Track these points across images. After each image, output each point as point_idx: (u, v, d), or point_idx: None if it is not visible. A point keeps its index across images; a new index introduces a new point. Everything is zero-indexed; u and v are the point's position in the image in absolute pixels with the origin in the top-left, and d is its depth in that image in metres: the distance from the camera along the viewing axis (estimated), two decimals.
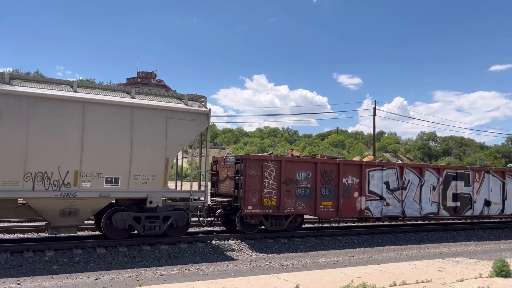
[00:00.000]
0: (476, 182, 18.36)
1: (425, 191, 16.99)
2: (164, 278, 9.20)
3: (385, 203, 16.09)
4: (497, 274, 8.71)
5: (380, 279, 8.22)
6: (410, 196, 16.64)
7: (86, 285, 8.55)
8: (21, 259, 10.27)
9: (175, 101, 12.88)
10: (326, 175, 14.92)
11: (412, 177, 16.76)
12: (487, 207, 18.50)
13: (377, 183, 15.93)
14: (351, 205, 15.37)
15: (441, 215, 17.65)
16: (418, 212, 16.81)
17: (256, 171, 13.76)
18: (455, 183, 17.82)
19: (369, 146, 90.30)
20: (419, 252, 13.76)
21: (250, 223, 14.00)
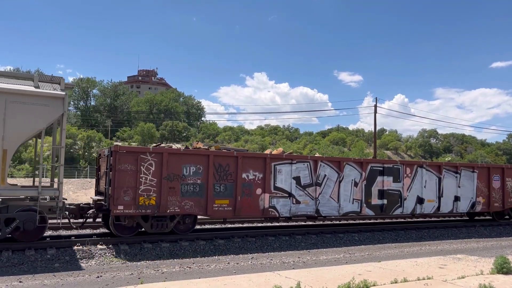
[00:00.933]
0: (407, 178, 16.60)
1: (345, 188, 15.21)
2: (165, 276, 9.22)
3: (295, 201, 14.31)
4: (498, 271, 8.71)
5: (381, 276, 8.23)
6: (326, 193, 14.87)
7: (87, 283, 8.57)
8: (22, 257, 10.30)
9: (22, 82, 11.00)
10: (222, 169, 13.16)
11: (329, 171, 14.97)
12: (420, 205, 16.79)
13: (285, 178, 14.16)
14: (253, 204, 13.61)
15: (364, 214, 15.85)
16: (336, 210, 15.05)
17: (129, 165, 11.95)
18: (381, 178, 16.02)
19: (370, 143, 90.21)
20: (420, 249, 13.76)
21: (124, 225, 12.26)
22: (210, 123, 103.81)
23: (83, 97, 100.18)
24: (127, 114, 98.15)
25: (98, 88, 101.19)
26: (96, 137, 64.95)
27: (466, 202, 18.05)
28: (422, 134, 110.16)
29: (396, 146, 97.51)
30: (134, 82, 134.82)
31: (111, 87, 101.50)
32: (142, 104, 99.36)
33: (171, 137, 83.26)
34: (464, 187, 17.96)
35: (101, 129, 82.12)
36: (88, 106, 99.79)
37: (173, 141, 79.71)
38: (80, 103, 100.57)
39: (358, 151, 75.20)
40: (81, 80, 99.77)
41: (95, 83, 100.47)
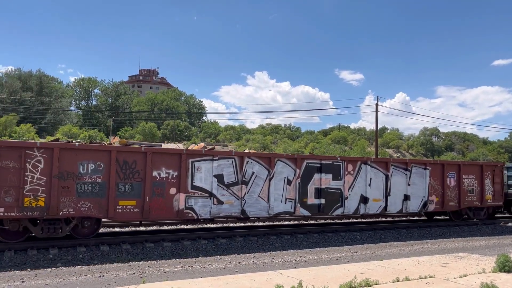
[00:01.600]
0: (349, 175, 15.33)
1: (276, 186, 13.98)
2: (167, 275, 9.23)
3: (217, 201, 13.06)
4: (500, 269, 8.71)
5: (383, 275, 8.23)
6: (254, 192, 13.65)
7: (90, 283, 8.59)
8: (25, 257, 10.33)
9: None
10: (128, 167, 11.91)
11: (257, 169, 13.74)
12: (364, 205, 15.52)
13: (205, 176, 12.93)
14: (165, 205, 12.38)
15: (298, 214, 14.64)
16: (266, 211, 13.81)
17: (12, 162, 10.68)
18: (319, 176, 14.75)
19: (371, 142, 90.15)
20: (422, 248, 13.76)
21: (8, 229, 11.05)
22: (212, 122, 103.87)
23: (85, 97, 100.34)
24: (129, 113, 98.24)
25: (99, 88, 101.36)
26: (97, 137, 65.01)
27: (417, 201, 16.77)
28: (424, 132, 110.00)
29: (397, 145, 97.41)
30: (135, 82, 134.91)
31: (113, 86, 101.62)
32: (144, 103, 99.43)
33: (172, 137, 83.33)
34: (415, 185, 16.73)
35: (103, 129, 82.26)
36: (89, 105, 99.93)
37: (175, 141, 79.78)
38: (81, 103, 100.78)
39: (360, 149, 75.14)
40: (82, 80, 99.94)
41: (96, 83, 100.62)
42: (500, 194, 19.14)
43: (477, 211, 18.89)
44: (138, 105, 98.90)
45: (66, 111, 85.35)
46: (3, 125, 56.57)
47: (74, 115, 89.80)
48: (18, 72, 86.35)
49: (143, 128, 76.48)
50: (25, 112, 74.24)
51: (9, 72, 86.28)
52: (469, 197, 18.15)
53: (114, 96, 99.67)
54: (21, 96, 77.25)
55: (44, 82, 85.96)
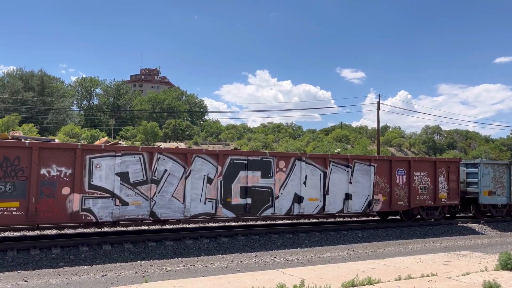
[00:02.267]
0: (281, 172, 14.11)
1: (194, 185, 12.78)
2: (169, 274, 9.25)
3: (120, 202, 11.78)
4: (502, 267, 8.69)
5: (385, 273, 8.23)
6: (166, 192, 12.45)
7: (92, 282, 8.61)
8: (27, 256, 10.36)
9: None
10: (8, 164, 10.64)
11: (171, 166, 12.54)
12: (298, 204, 14.33)
13: (106, 174, 11.68)
14: (57, 206, 11.07)
15: (220, 216, 13.42)
16: (181, 212, 12.59)
17: None
18: (245, 173, 13.55)
19: (373, 140, 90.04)
20: (425, 246, 13.74)
21: None
22: (213, 121, 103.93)
23: (86, 96, 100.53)
24: (130, 113, 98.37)
25: (101, 87, 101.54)
26: (99, 136, 65.10)
27: (360, 200, 15.50)
28: (426, 130, 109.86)
29: (399, 143, 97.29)
30: (136, 81, 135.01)
31: (114, 86, 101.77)
32: (145, 103, 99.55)
33: (174, 136, 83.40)
34: (358, 183, 15.49)
35: (105, 128, 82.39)
36: (91, 105, 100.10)
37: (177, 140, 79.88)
38: (83, 103, 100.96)
39: (362, 148, 75.06)
40: (84, 80, 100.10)
41: (98, 83, 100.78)
42: (456, 192, 17.80)
43: (431, 211, 17.68)
44: (139, 105, 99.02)
45: (68, 111, 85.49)
46: (5, 125, 56.70)
47: (76, 115, 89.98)
48: (20, 72, 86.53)
49: (144, 127, 76.55)
50: (27, 112, 74.39)
51: (11, 72, 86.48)
52: (421, 196, 16.87)
53: (115, 96, 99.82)
54: (23, 96, 77.40)
55: (46, 82, 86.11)
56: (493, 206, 19.46)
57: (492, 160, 25.60)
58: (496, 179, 19.04)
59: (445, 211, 18.12)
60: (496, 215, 19.59)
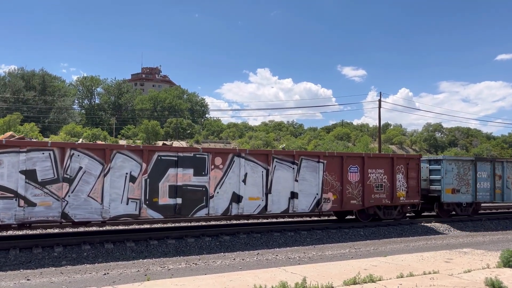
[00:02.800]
0: (217, 170, 13.12)
1: (114, 184, 11.76)
2: (171, 273, 9.27)
3: (26, 203, 10.76)
4: (504, 265, 8.69)
5: (387, 270, 8.23)
6: (81, 192, 11.37)
7: (94, 280, 8.63)
8: (30, 255, 10.39)
9: None
10: None
11: (87, 163, 11.47)
12: (237, 204, 13.36)
13: (8, 172, 10.64)
14: None
15: (145, 217, 12.37)
16: (99, 214, 11.59)
17: None
18: (175, 171, 12.54)
19: (374, 138, 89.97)
20: (426, 244, 13.75)
21: None
22: (214, 119, 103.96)
23: (87, 95, 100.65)
24: (132, 112, 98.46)
25: (102, 86, 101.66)
26: (101, 135, 65.21)
27: (307, 199, 14.56)
28: (427, 128, 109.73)
29: (401, 141, 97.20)
30: (137, 80, 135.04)
31: (115, 85, 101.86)
32: (146, 101, 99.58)
33: (175, 135, 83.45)
34: (305, 181, 14.53)
35: (106, 127, 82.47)
36: (92, 104, 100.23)
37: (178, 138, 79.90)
38: (84, 102, 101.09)
39: (363, 146, 75.01)
40: (85, 79, 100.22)
41: (99, 81, 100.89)
42: (416, 190, 16.77)
43: (389, 210, 16.51)
44: (140, 103, 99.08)
45: (69, 110, 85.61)
46: (6, 124, 56.82)
47: (77, 114, 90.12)
48: (21, 71, 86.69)
49: (146, 126, 76.60)
50: (28, 111, 74.51)
51: (12, 71, 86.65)
52: (377, 195, 15.79)
53: (116, 95, 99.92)
54: (24, 95, 77.54)
55: (47, 81, 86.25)
56: (458, 205, 18.43)
57: (456, 156, 24.97)
58: (461, 176, 18.05)
59: (404, 211, 17.02)
60: (461, 214, 18.59)
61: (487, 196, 18.78)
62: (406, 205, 16.90)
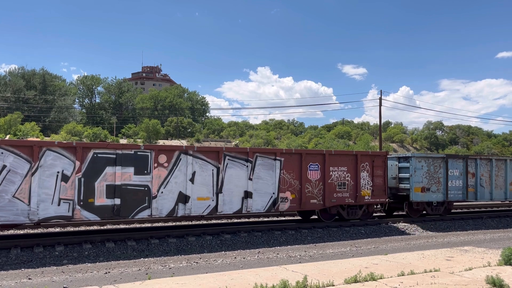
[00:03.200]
0: (161, 168, 12.37)
1: (43, 183, 10.98)
2: (172, 271, 9.28)
3: None
4: (505, 263, 8.69)
5: (388, 269, 8.23)
6: (6, 192, 10.66)
7: (96, 279, 8.64)
8: (31, 254, 10.41)
9: None
10: None
11: (12, 161, 10.72)
12: (184, 205, 12.62)
13: None
14: None
15: (80, 219, 11.51)
16: (26, 216, 10.77)
17: None
18: (113, 169, 11.78)
19: (375, 136, 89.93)
20: (427, 242, 13.74)
21: None
22: (215, 118, 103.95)
23: (88, 94, 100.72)
24: (132, 111, 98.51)
25: (102, 86, 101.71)
26: (101, 134, 65.25)
27: (263, 199, 13.83)
28: (428, 126, 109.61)
29: (401, 139, 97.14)
30: (138, 79, 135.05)
31: (116, 84, 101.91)
32: (147, 100, 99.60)
33: (176, 133, 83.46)
34: (260, 179, 13.82)
35: (107, 126, 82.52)
36: (93, 103, 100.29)
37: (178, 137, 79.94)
38: (85, 101, 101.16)
39: (364, 144, 75.00)
40: (85, 78, 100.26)
41: (99, 81, 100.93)
42: (383, 189, 15.97)
43: (353, 210, 15.79)
44: (141, 102, 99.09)
45: (70, 109, 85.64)
46: (7, 123, 56.85)
47: (78, 113, 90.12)
48: (21, 70, 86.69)
49: (146, 125, 76.62)
50: (29, 111, 74.57)
51: (13, 70, 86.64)
52: (339, 193, 15.08)
53: (117, 94, 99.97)
54: (24, 95, 77.57)
55: (48, 81, 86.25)
56: (428, 204, 17.63)
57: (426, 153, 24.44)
58: (431, 174, 17.22)
59: (370, 210, 16.21)
60: (433, 214, 17.84)
61: (459, 194, 17.90)
62: (372, 204, 16.15)
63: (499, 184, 18.97)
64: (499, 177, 19.00)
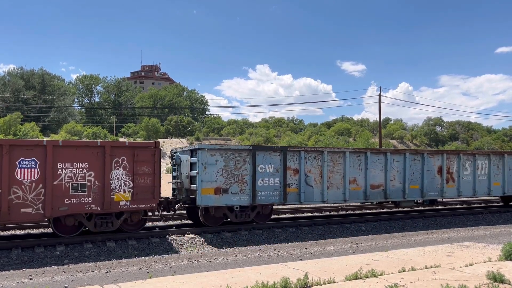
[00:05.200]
0: None
1: None
2: (173, 270, 9.29)
3: None
4: (506, 258, 8.69)
5: (388, 265, 8.24)
6: None
7: (97, 278, 8.65)
8: (32, 254, 10.42)
9: None
10: None
11: None
12: None
13: None
14: None
15: None
16: None
17: None
18: None
19: (375, 133, 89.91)
20: (428, 238, 13.76)
21: None
22: (214, 117, 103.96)
23: (87, 94, 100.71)
24: (132, 110, 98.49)
25: (101, 85, 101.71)
26: (101, 134, 65.25)
27: None
28: (428, 122, 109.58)
29: (401, 135, 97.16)
30: (137, 78, 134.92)
31: (115, 83, 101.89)
32: (146, 99, 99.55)
33: (176, 132, 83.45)
34: None
35: (106, 126, 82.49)
36: (92, 103, 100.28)
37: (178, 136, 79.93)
38: (84, 100, 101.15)
39: (363, 141, 75.01)
40: (84, 77, 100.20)
41: (98, 80, 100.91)
42: (151, 191, 12.33)
43: (106, 220, 12.05)
44: (140, 101, 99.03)
45: (69, 108, 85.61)
46: (7, 124, 56.83)
47: (77, 113, 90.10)
48: (20, 70, 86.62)
49: (146, 124, 76.59)
50: (28, 111, 74.53)
51: (12, 71, 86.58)
52: (75, 199, 11.46)
53: (116, 93, 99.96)
54: (24, 95, 77.52)
55: (47, 80, 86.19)
56: (230, 209, 13.73)
57: (223, 144, 19.07)
58: (230, 171, 13.48)
59: (135, 219, 12.43)
60: (239, 221, 13.95)
61: (274, 196, 14.09)
62: (138, 212, 12.43)
63: (334, 183, 15.23)
64: (334, 173, 15.22)
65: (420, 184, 17.04)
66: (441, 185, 17.54)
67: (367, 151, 16.25)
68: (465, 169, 18.27)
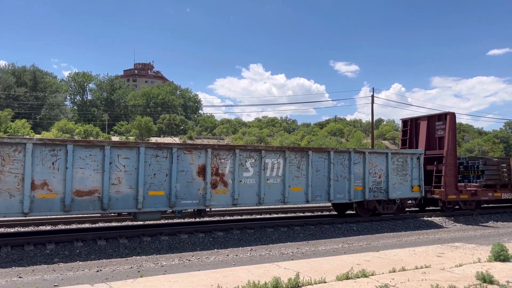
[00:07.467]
0: None
1: None
2: (165, 269, 9.25)
3: None
4: (495, 259, 8.77)
5: (379, 265, 8.28)
6: None
7: (87, 277, 8.59)
8: (22, 252, 10.32)
9: None
10: None
11: None
12: None
13: None
14: None
15: None
16: None
17: None
18: None
19: (367, 133, 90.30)
20: (419, 238, 13.84)
21: None
22: (207, 116, 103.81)
23: (80, 91, 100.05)
24: (124, 108, 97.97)
25: (94, 82, 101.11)
26: (93, 132, 64.85)
27: None
28: None
29: (394, 136, 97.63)
30: (130, 76, 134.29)
31: (108, 81, 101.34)
32: (139, 97, 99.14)
33: (168, 131, 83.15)
34: None
35: (98, 124, 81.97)
36: (84, 100, 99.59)
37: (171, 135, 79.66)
38: (76, 98, 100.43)
39: (356, 141, 75.30)
40: (77, 75, 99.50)
41: (91, 78, 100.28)
42: None
43: None
44: (133, 99, 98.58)
45: (61, 106, 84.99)
46: None
47: (69, 110, 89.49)
48: (12, 67, 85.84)
49: (138, 122, 76.23)
50: (19, 108, 73.87)
51: (3, 67, 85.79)
52: None
53: (109, 91, 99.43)
54: (15, 92, 76.79)
55: (38, 77, 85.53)
56: None
57: None
58: None
59: None
60: None
61: None
62: None
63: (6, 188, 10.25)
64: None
65: (168, 190, 12.34)
66: (204, 190, 12.87)
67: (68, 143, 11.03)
68: (246, 169, 13.63)
